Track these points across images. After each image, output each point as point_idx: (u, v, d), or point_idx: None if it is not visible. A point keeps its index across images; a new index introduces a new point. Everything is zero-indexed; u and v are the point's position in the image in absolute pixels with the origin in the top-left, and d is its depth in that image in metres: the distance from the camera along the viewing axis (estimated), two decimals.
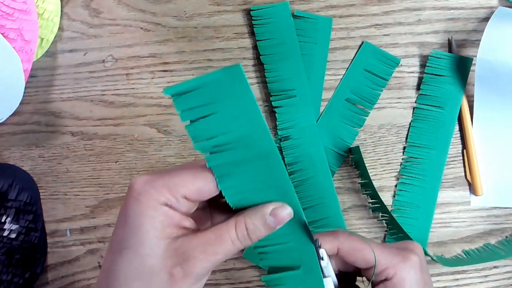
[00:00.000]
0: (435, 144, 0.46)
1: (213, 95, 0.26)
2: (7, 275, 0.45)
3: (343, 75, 0.48)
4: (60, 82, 0.49)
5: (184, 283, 0.26)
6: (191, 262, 0.26)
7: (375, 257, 0.31)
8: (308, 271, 0.30)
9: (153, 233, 0.26)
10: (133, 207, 0.27)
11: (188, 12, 0.49)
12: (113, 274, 0.27)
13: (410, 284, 0.31)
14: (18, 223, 0.46)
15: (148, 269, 0.26)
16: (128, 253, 0.26)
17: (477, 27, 0.47)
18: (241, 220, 0.28)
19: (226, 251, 0.27)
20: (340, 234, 0.32)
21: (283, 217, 0.28)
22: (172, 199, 0.27)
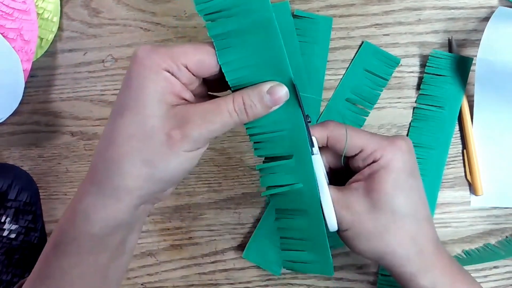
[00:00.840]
0: (435, 144, 0.46)
1: (237, 17, 0.28)
2: (7, 275, 0.45)
3: (343, 75, 0.48)
4: (60, 82, 0.49)
5: (181, 145, 0.27)
6: (189, 125, 0.27)
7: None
8: (300, 161, 0.31)
9: (155, 96, 0.27)
10: (136, 71, 0.28)
11: (188, 12, 0.49)
12: (114, 134, 0.28)
13: (397, 165, 0.31)
14: (18, 223, 0.46)
15: (148, 129, 0.27)
16: (129, 114, 0.27)
17: (477, 27, 0.47)
18: (238, 95, 0.29)
19: (223, 121, 0.28)
20: (330, 123, 0.33)
21: (280, 96, 0.29)
22: (173, 66, 0.28)
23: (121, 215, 0.28)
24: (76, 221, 0.29)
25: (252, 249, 0.46)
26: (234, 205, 0.47)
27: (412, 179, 0.32)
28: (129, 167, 0.27)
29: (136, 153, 0.27)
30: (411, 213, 0.31)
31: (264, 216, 0.46)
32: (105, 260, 0.30)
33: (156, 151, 0.27)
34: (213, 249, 0.47)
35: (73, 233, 0.29)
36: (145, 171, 0.28)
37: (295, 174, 0.31)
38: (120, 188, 0.28)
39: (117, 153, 0.28)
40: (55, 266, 0.29)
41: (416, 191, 0.32)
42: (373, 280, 0.46)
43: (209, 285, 0.47)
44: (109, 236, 0.29)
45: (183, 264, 0.47)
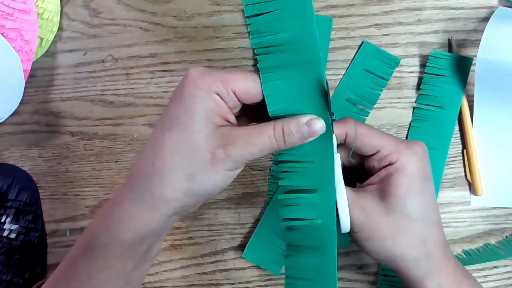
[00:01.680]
0: (435, 144, 0.46)
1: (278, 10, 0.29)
2: (7, 275, 0.45)
3: (343, 75, 0.48)
4: (60, 82, 0.49)
5: (223, 164, 0.29)
6: (232, 146, 0.29)
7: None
8: (323, 196, 0.31)
9: (204, 114, 0.29)
10: (189, 89, 0.29)
11: (188, 12, 0.49)
12: (160, 146, 0.29)
13: (412, 169, 0.32)
14: (18, 223, 0.46)
15: (194, 146, 0.29)
16: (178, 128, 0.29)
17: (477, 27, 0.47)
18: (279, 123, 0.30)
19: (263, 145, 0.29)
20: (349, 120, 0.34)
21: (316, 129, 0.30)
22: (223, 90, 0.29)
23: (154, 224, 0.30)
24: (110, 226, 0.30)
25: (252, 249, 0.46)
26: (234, 205, 0.47)
27: (425, 184, 0.32)
28: (171, 179, 0.29)
29: (180, 167, 0.29)
30: (423, 217, 0.32)
31: (264, 216, 0.46)
32: (130, 267, 0.31)
33: (198, 167, 0.29)
34: (213, 249, 0.47)
35: (105, 239, 0.30)
36: (186, 184, 0.29)
37: (316, 209, 0.31)
38: (159, 198, 0.29)
39: (161, 164, 0.29)
40: (82, 269, 0.30)
41: (428, 196, 0.33)
42: (373, 280, 0.46)
43: (209, 285, 0.47)
44: (138, 244, 0.30)
45: (183, 264, 0.47)
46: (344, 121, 0.34)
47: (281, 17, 0.29)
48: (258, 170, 0.47)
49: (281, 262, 0.46)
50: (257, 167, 0.47)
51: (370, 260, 0.46)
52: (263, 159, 0.47)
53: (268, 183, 0.47)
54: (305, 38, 0.29)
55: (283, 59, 0.30)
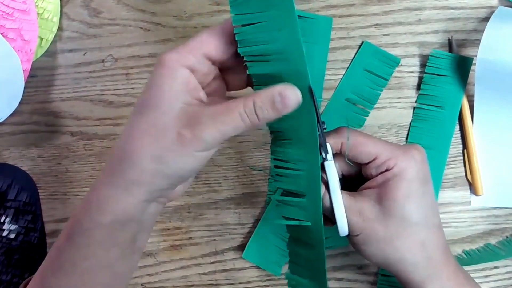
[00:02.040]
0: (435, 144, 0.46)
1: (262, 5, 0.29)
2: (6, 275, 0.45)
3: (343, 75, 0.48)
4: (60, 82, 0.49)
5: (191, 145, 0.28)
6: (200, 126, 0.28)
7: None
8: (311, 202, 0.32)
9: (171, 94, 0.28)
10: (156, 71, 0.29)
11: (188, 12, 0.49)
12: (130, 129, 0.29)
13: (410, 174, 0.31)
14: (17, 223, 0.46)
15: (161, 126, 0.28)
16: (146, 111, 0.29)
17: (477, 27, 0.47)
18: (250, 98, 0.29)
19: (233, 123, 0.28)
20: (344, 129, 0.33)
21: (290, 99, 0.28)
22: (192, 59, 0.29)
23: (132, 208, 0.29)
24: (89, 210, 0.30)
25: (252, 249, 0.46)
26: (234, 205, 0.47)
27: (424, 187, 0.32)
28: (140, 161, 0.28)
29: (148, 148, 0.28)
30: (422, 221, 0.32)
31: (264, 216, 0.46)
32: (115, 256, 0.30)
33: (166, 148, 0.28)
34: (213, 249, 0.47)
35: (85, 223, 0.30)
36: (155, 166, 0.28)
37: (306, 211, 0.33)
38: (131, 181, 0.29)
39: (130, 147, 0.29)
40: (66, 258, 0.30)
41: (427, 199, 0.32)
42: (373, 280, 0.46)
43: (209, 285, 0.47)
44: (119, 231, 0.30)
45: (183, 264, 0.47)
46: (339, 131, 0.33)
47: (268, 28, 0.29)
48: (258, 170, 0.47)
49: (281, 262, 0.46)
50: (257, 167, 0.47)
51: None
52: (263, 159, 0.47)
53: (268, 183, 0.47)
54: (292, 49, 0.29)
55: (271, 68, 0.30)
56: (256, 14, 0.29)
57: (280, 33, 0.29)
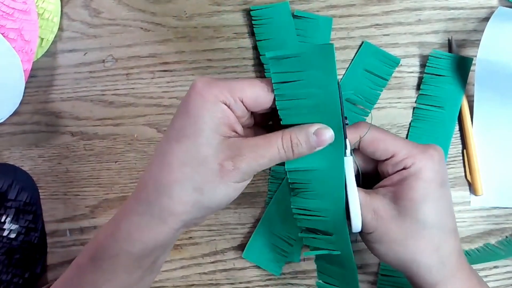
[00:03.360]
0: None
1: (303, 65, 0.29)
2: (7, 275, 0.45)
3: (343, 75, 0.48)
4: (60, 82, 0.49)
5: (232, 176, 0.29)
6: (241, 158, 0.29)
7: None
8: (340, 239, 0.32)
9: (211, 126, 0.29)
10: (195, 100, 0.29)
11: (188, 12, 0.49)
12: (168, 159, 0.29)
13: (428, 174, 0.31)
14: (18, 223, 0.46)
15: (202, 157, 0.29)
16: (185, 141, 0.29)
17: (477, 27, 0.47)
18: (287, 133, 0.30)
19: (271, 156, 0.29)
20: (363, 124, 0.33)
21: (325, 138, 0.30)
22: (230, 99, 0.29)
23: (163, 237, 0.30)
24: (118, 238, 0.30)
25: (252, 249, 0.46)
26: (234, 205, 0.47)
27: (441, 190, 0.32)
28: (179, 192, 0.29)
29: (188, 179, 0.29)
30: (438, 224, 0.31)
31: (264, 216, 0.46)
32: (136, 278, 0.31)
33: (207, 180, 0.29)
34: (213, 249, 0.47)
35: (112, 251, 0.30)
36: (194, 197, 0.29)
37: (334, 244, 0.33)
38: (168, 211, 0.29)
39: (169, 177, 0.29)
40: (89, 279, 0.30)
41: (444, 202, 0.32)
42: (373, 280, 0.46)
43: (209, 285, 0.47)
44: (146, 257, 0.30)
45: (183, 264, 0.47)
46: (358, 125, 0.33)
47: (307, 86, 0.30)
48: None
49: (281, 262, 0.46)
50: None
51: (370, 260, 0.46)
52: None
53: (268, 183, 0.47)
54: (329, 105, 0.30)
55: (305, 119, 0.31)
56: (296, 73, 0.30)
57: (319, 90, 0.30)
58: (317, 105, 0.30)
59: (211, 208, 0.30)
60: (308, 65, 0.29)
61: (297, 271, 0.46)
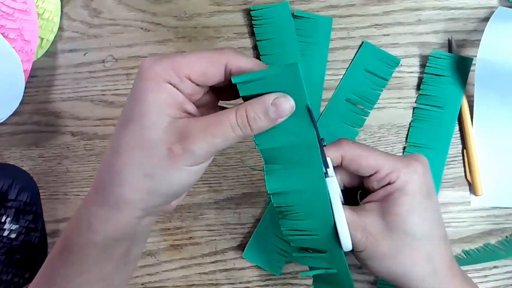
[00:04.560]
0: (435, 144, 0.46)
1: (270, 87, 0.28)
2: (7, 275, 0.45)
3: (343, 75, 0.48)
4: (60, 82, 0.49)
5: (182, 159, 0.27)
6: (190, 140, 0.27)
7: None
8: (334, 256, 0.32)
9: (156, 108, 0.27)
10: (139, 83, 0.28)
11: (188, 12, 0.49)
12: (116, 144, 0.28)
13: (413, 187, 0.31)
14: (18, 223, 0.46)
15: (149, 141, 0.27)
16: (131, 125, 0.27)
17: (477, 27, 0.47)
18: (242, 107, 0.28)
19: (225, 135, 0.27)
20: (344, 142, 0.32)
21: (284, 108, 0.28)
22: (175, 78, 0.27)
23: (124, 227, 0.29)
24: (81, 229, 0.29)
25: (252, 249, 0.46)
26: (234, 205, 0.47)
27: (428, 201, 0.31)
28: (130, 179, 0.27)
29: (137, 165, 0.27)
30: (426, 235, 0.31)
31: (264, 216, 0.46)
32: (109, 270, 0.30)
33: (157, 165, 0.27)
34: (213, 249, 0.47)
35: (77, 242, 0.29)
36: (147, 184, 0.28)
37: (329, 262, 0.33)
38: (122, 200, 0.28)
39: (119, 163, 0.28)
40: (60, 273, 0.30)
41: (431, 212, 0.32)
42: (373, 280, 0.46)
43: (209, 285, 0.47)
44: (112, 248, 0.29)
45: (183, 264, 0.47)
46: (338, 143, 0.32)
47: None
48: (258, 170, 0.47)
49: (281, 262, 0.46)
50: (257, 167, 0.47)
51: None
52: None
53: None
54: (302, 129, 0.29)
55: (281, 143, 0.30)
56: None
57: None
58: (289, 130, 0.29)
59: (168, 194, 0.29)
60: (276, 87, 0.28)
61: (297, 271, 0.46)
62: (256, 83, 0.28)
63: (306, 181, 0.31)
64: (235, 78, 0.28)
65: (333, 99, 0.47)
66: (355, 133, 0.47)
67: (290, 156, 0.30)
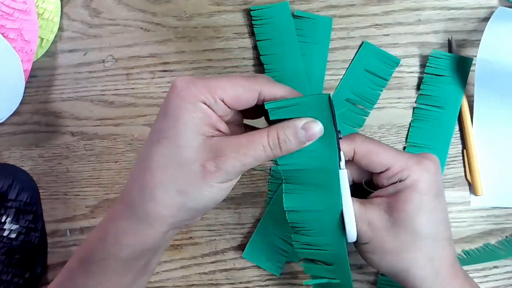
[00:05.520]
0: (435, 144, 0.46)
1: (300, 113, 0.30)
2: (7, 275, 0.45)
3: (343, 75, 0.48)
4: (60, 82, 0.49)
5: (215, 177, 0.28)
6: (223, 158, 0.28)
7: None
8: (339, 268, 0.33)
9: (191, 126, 0.28)
10: (174, 101, 0.29)
11: (188, 12, 0.49)
12: (149, 161, 0.29)
13: (423, 186, 0.31)
14: (18, 223, 0.46)
15: (183, 159, 0.28)
16: (165, 142, 0.28)
17: (477, 27, 0.47)
18: (273, 130, 0.29)
19: (256, 155, 0.29)
20: (357, 136, 0.33)
21: (314, 132, 0.29)
22: (210, 99, 0.28)
23: (151, 240, 0.29)
24: (106, 242, 0.29)
25: (252, 249, 0.46)
26: (234, 205, 0.47)
27: (436, 201, 0.31)
28: (163, 195, 0.28)
29: (171, 182, 0.28)
30: (432, 235, 0.31)
31: (264, 216, 0.46)
32: (128, 281, 0.31)
33: (190, 182, 0.28)
34: (213, 249, 0.47)
35: (101, 254, 0.29)
36: (178, 200, 0.28)
37: (334, 273, 0.34)
38: (153, 215, 0.29)
39: (152, 180, 0.28)
40: (79, 282, 0.30)
41: (439, 213, 0.32)
42: (373, 280, 0.46)
43: (209, 285, 0.47)
44: (135, 261, 0.30)
45: (183, 264, 0.47)
46: (351, 137, 0.33)
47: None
48: (258, 170, 0.47)
49: (281, 262, 0.46)
50: (257, 167, 0.47)
51: None
52: None
53: (268, 183, 0.47)
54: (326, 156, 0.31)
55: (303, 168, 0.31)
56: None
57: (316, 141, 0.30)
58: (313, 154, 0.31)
59: (197, 210, 0.30)
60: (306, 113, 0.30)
61: (297, 271, 0.46)
62: (287, 109, 0.29)
63: (323, 203, 0.31)
64: (268, 104, 0.29)
65: (333, 99, 0.47)
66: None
67: (310, 178, 0.31)
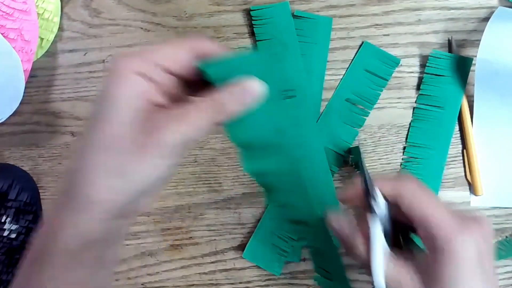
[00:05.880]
0: (435, 144, 0.46)
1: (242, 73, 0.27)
2: (7, 275, 0.45)
3: (343, 75, 0.48)
4: (60, 82, 0.49)
5: (154, 152, 0.25)
6: (161, 131, 0.25)
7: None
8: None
9: (124, 101, 0.26)
10: (106, 80, 0.26)
11: (188, 12, 0.49)
12: (83, 143, 0.26)
13: (466, 257, 0.27)
14: (18, 223, 0.46)
15: (118, 137, 0.25)
16: (99, 122, 0.26)
17: (477, 27, 0.47)
18: (212, 93, 0.27)
19: (196, 122, 0.26)
20: (407, 180, 0.30)
21: (257, 90, 0.27)
22: (145, 67, 0.26)
23: (93, 230, 0.26)
24: (48, 235, 0.27)
25: (252, 249, 0.46)
26: (234, 205, 0.47)
27: (480, 271, 0.28)
28: (97, 178, 0.26)
29: (105, 163, 0.26)
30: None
31: (264, 216, 0.46)
32: (83, 275, 0.28)
33: (126, 161, 0.25)
34: (213, 249, 0.47)
35: (46, 249, 0.27)
36: (115, 182, 0.26)
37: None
38: (88, 201, 0.26)
39: (84, 164, 0.26)
40: (33, 279, 0.27)
41: (483, 285, 0.28)
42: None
43: (209, 285, 0.47)
44: (83, 252, 0.27)
45: (183, 264, 0.47)
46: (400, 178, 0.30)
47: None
48: None
49: (281, 262, 0.46)
50: None
51: None
52: None
53: None
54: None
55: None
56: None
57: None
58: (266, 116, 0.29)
59: (140, 191, 0.26)
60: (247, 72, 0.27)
61: (297, 271, 0.46)
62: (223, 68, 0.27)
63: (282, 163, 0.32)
64: (202, 64, 0.26)
65: (333, 99, 0.47)
66: (355, 133, 0.47)
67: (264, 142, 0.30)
